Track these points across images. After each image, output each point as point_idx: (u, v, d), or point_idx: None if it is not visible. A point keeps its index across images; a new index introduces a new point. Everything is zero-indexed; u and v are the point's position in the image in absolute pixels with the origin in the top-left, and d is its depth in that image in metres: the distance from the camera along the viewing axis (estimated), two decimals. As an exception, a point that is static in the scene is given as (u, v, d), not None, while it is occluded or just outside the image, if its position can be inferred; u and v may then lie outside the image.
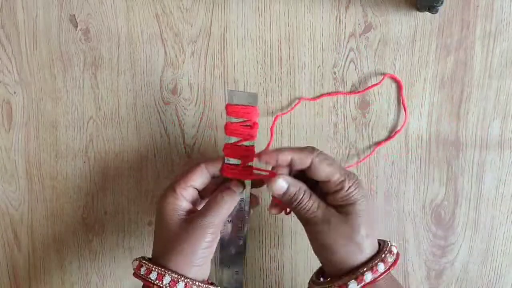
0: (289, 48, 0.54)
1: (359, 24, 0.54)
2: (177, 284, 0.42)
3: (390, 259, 0.42)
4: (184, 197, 0.46)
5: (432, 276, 0.56)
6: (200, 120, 0.56)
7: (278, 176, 0.44)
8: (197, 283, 0.43)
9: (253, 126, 0.45)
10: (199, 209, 0.46)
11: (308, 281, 0.46)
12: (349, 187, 0.43)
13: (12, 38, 0.56)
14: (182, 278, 0.43)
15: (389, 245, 0.44)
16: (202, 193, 0.48)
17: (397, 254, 0.43)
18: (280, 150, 0.44)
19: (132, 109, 0.56)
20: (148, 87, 0.56)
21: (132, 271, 0.45)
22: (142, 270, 0.44)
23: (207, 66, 0.55)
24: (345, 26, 0.54)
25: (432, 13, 0.52)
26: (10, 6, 0.55)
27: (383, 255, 0.42)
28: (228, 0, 0.54)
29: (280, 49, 0.55)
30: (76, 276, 0.58)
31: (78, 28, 0.55)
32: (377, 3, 0.53)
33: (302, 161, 0.43)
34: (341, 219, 0.43)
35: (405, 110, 0.54)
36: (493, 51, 0.53)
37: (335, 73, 0.54)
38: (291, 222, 0.56)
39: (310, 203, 0.44)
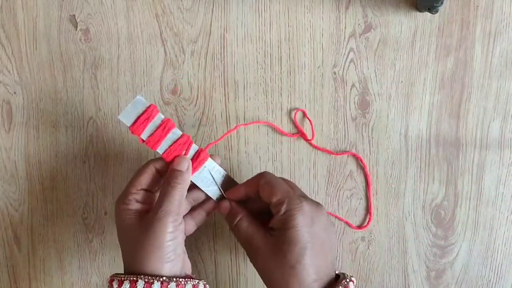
0: (289, 48, 0.54)
1: (359, 24, 0.54)
2: (152, 285, 0.41)
3: None
4: (137, 201, 0.46)
5: (432, 276, 0.56)
6: (200, 120, 0.56)
7: (223, 201, 0.48)
8: (174, 279, 0.42)
9: (165, 122, 0.46)
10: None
11: None
12: (286, 211, 0.42)
13: (12, 38, 0.56)
14: (157, 278, 0.41)
15: (347, 280, 0.42)
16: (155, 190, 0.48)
17: None
18: (235, 190, 0.48)
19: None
20: (148, 87, 0.56)
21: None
22: (115, 284, 0.43)
23: (207, 66, 0.55)
24: (345, 26, 0.54)
25: (432, 13, 0.52)
26: (10, 6, 0.55)
27: None
28: (228, 0, 0.54)
29: (280, 49, 0.55)
30: (76, 276, 0.58)
31: (78, 28, 0.55)
32: (377, 3, 0.53)
33: (253, 189, 0.46)
34: (273, 244, 0.42)
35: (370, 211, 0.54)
36: (493, 51, 0.53)
37: (335, 73, 0.54)
38: (291, 222, 0.56)
39: (245, 228, 0.45)
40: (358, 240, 0.56)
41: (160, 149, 0.46)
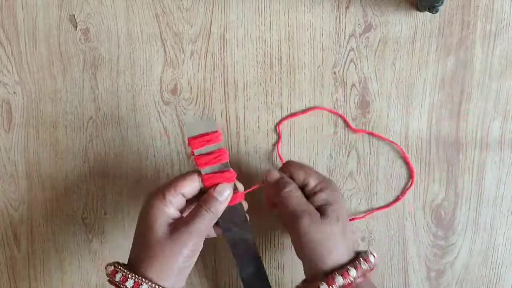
0: (289, 48, 0.54)
1: (359, 24, 0.54)
2: None
3: (364, 266, 0.44)
4: (172, 204, 0.44)
5: (432, 277, 0.56)
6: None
7: (272, 170, 0.49)
8: None
9: (220, 152, 0.45)
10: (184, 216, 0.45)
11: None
12: (322, 188, 0.47)
13: (12, 38, 0.56)
14: None
15: (368, 254, 0.45)
16: (189, 202, 0.47)
17: (374, 264, 0.45)
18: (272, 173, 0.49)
19: (132, 109, 0.56)
20: (148, 87, 0.56)
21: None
22: (118, 277, 0.42)
23: (207, 66, 0.55)
24: (345, 26, 0.54)
25: (432, 13, 0.52)
26: (10, 6, 0.55)
27: (357, 262, 0.44)
28: (228, 0, 0.54)
29: (280, 49, 0.55)
30: (76, 276, 0.58)
31: (78, 28, 0.55)
32: (377, 3, 0.53)
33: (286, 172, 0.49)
34: (322, 216, 0.45)
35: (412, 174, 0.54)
36: (493, 51, 0.53)
37: (335, 73, 0.54)
38: (291, 222, 0.56)
39: (299, 194, 0.47)
40: (358, 240, 0.56)
41: (204, 171, 0.45)
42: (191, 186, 0.45)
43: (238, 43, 0.55)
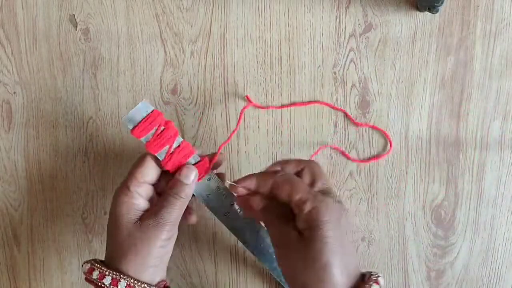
0: (289, 48, 0.54)
1: (359, 24, 0.54)
2: None
3: None
4: (140, 195, 0.44)
5: (432, 277, 0.56)
6: (200, 120, 0.56)
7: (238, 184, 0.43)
8: (152, 287, 0.42)
9: (167, 126, 0.45)
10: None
11: None
12: (311, 209, 0.39)
13: (12, 38, 0.56)
14: (139, 284, 0.41)
15: (376, 276, 0.40)
16: (158, 189, 0.46)
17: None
18: (243, 178, 0.43)
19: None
20: (148, 87, 0.56)
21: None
22: (95, 274, 0.42)
23: (207, 66, 0.55)
24: (345, 26, 0.54)
25: (432, 13, 0.52)
26: (10, 6, 0.55)
27: (366, 286, 0.39)
28: (228, 0, 0.54)
29: (280, 49, 0.55)
30: (76, 276, 0.58)
31: (78, 28, 0.55)
32: (377, 3, 0.53)
33: (265, 184, 0.42)
34: (301, 244, 0.39)
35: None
36: (493, 51, 0.53)
37: (335, 73, 0.54)
38: (291, 222, 0.56)
39: (273, 218, 0.42)
40: (358, 240, 0.56)
41: (160, 155, 0.45)
42: (152, 170, 0.44)
43: (238, 43, 0.55)
